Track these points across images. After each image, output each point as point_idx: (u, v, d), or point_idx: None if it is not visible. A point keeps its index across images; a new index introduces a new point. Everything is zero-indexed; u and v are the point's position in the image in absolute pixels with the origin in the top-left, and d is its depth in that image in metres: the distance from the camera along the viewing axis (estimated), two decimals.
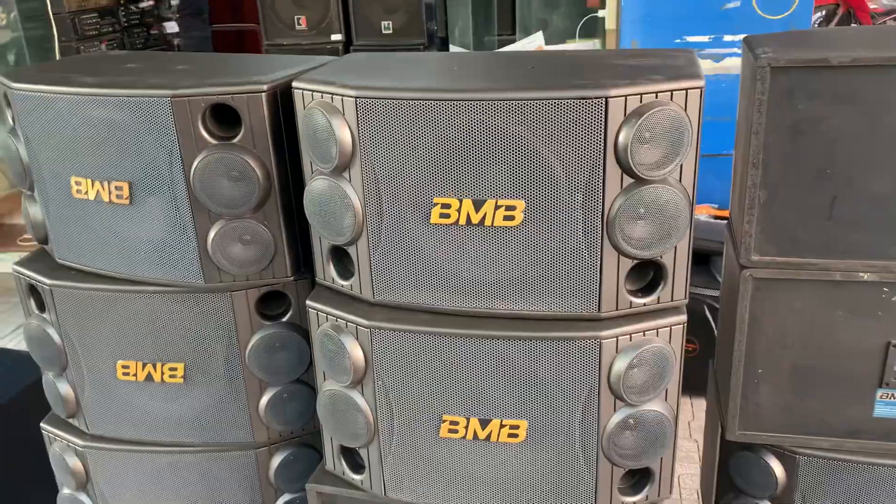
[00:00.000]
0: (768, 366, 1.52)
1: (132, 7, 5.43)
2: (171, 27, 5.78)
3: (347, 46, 4.58)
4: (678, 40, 3.90)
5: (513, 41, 4.80)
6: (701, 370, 2.02)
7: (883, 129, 1.32)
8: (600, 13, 4.22)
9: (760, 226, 1.42)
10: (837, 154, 1.35)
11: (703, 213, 3.40)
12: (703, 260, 2.99)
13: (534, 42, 4.25)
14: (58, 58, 4.80)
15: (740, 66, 1.53)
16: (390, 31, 4.52)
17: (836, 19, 5.92)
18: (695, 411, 3.07)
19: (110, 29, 5.16)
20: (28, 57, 5.13)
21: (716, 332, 2.93)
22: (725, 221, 3.29)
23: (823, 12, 5.83)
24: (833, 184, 1.37)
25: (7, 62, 5.15)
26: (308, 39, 4.59)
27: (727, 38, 3.90)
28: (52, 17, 4.73)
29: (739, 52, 3.96)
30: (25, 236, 4.68)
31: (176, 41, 5.84)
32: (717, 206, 3.40)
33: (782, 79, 1.32)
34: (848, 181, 1.36)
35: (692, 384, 2.48)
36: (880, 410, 1.49)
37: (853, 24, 5.83)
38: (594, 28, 4.50)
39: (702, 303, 2.95)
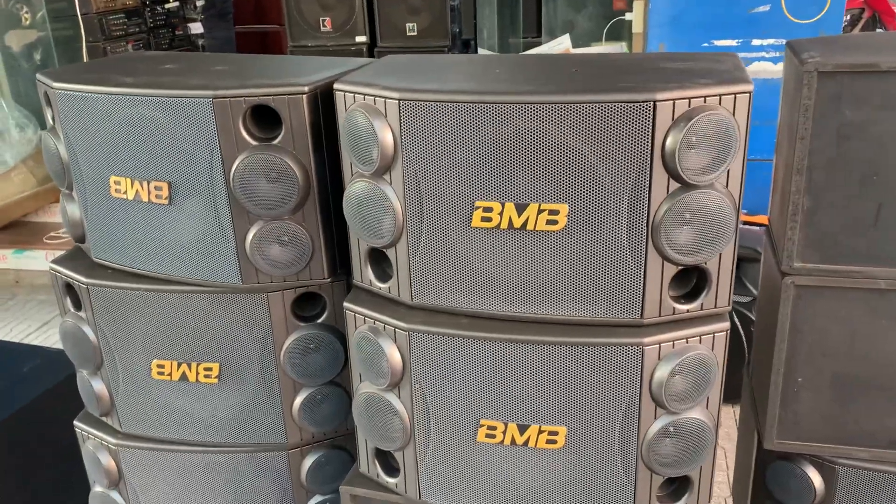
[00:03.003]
0: (808, 374, 1.49)
1: (158, 8, 5.47)
2: (196, 28, 5.82)
3: (371, 48, 4.59)
4: (706, 44, 3.87)
5: (538, 44, 4.79)
6: (728, 375, 2.00)
7: None
8: (627, 16, 4.20)
9: (803, 232, 1.40)
10: (884, 160, 1.33)
11: None
12: None
13: (561, 45, 4.23)
14: (85, 58, 4.84)
15: (768, 70, 1.51)
16: (415, 33, 4.53)
17: (861, 24, 5.86)
18: (721, 418, 3.04)
19: (136, 29, 5.21)
20: (55, 56, 5.18)
21: (742, 337, 2.90)
22: (754, 227, 3.25)
23: (848, 17, 5.78)
24: (879, 190, 1.35)
25: (34, 61, 5.20)
26: (333, 41, 4.60)
27: (755, 42, 3.86)
28: (80, 18, 4.77)
29: (768, 56, 3.93)
30: (52, 234, 4.73)
31: (200, 42, 5.89)
32: (745, 211, 3.38)
33: (829, 84, 1.30)
34: (894, 188, 1.34)
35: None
36: None
37: (878, 30, 5.77)
38: (621, 31, 4.48)
39: None
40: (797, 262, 1.42)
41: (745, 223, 3.20)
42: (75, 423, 1.87)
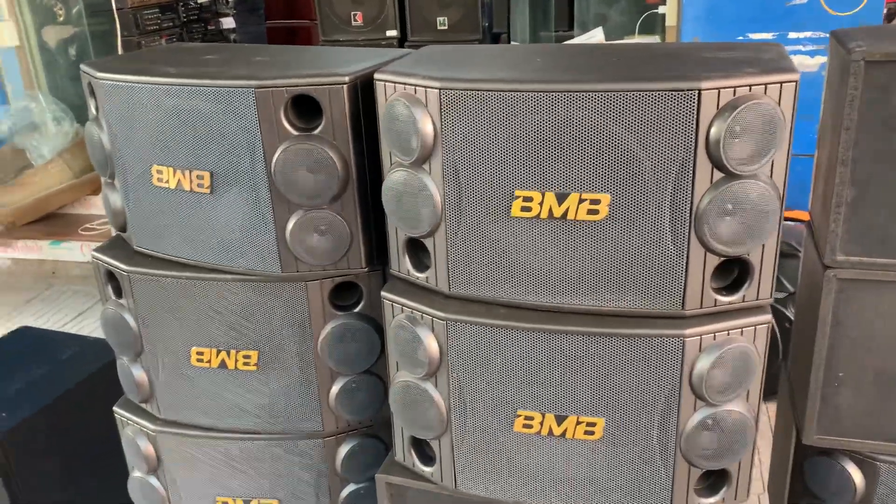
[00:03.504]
0: (850, 369, 1.47)
1: (191, 3, 5.53)
2: (228, 23, 5.87)
3: (402, 42, 4.60)
4: (741, 38, 3.82)
5: (570, 37, 4.76)
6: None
7: None
8: (660, 9, 4.15)
9: (846, 225, 1.38)
10: None
11: None
12: None
13: (593, 38, 4.20)
14: (120, 52, 4.91)
15: (805, 64, 1.49)
16: (445, 27, 4.53)
17: None
18: None
19: (170, 24, 5.26)
20: (91, 51, 5.25)
21: (777, 333, 2.86)
22: (789, 223, 3.21)
23: (885, 10, 5.67)
24: None
25: (70, 56, 5.29)
26: (364, 35, 4.62)
27: (792, 35, 3.80)
28: (115, 13, 4.84)
29: (805, 49, 3.86)
30: (87, 225, 4.80)
31: (232, 37, 5.93)
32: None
33: (877, 73, 1.28)
34: None
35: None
36: None
37: None
38: (654, 24, 4.43)
39: None
40: (840, 256, 1.40)
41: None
42: (115, 409, 1.90)
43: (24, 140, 4.98)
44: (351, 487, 1.80)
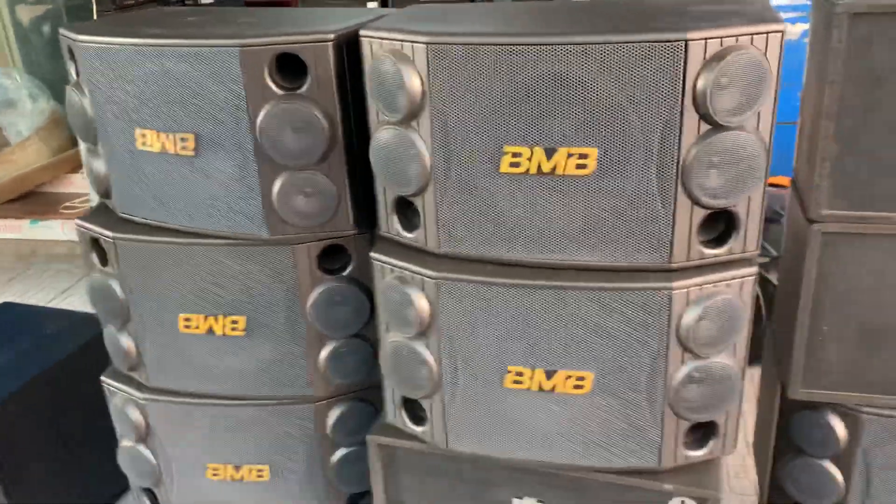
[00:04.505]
0: (834, 323, 1.50)
1: None
2: None
3: None
4: None
5: None
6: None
7: None
8: None
9: (831, 179, 1.40)
10: None
11: None
12: None
13: None
14: None
15: (788, 31, 1.49)
16: None
17: None
18: None
19: None
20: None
21: (760, 298, 2.89)
22: (772, 188, 3.23)
23: None
24: None
25: (43, 33, 5.19)
26: (343, 4, 4.57)
27: (773, 2, 3.81)
28: None
29: (786, 17, 3.86)
30: (67, 204, 4.74)
31: None
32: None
33: (861, 25, 1.29)
34: None
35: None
36: None
37: None
38: None
39: None
40: (825, 210, 1.42)
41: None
42: (102, 378, 1.89)
43: (1, 118, 4.90)
44: (342, 451, 1.81)
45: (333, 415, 1.76)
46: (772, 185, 3.19)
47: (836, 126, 1.36)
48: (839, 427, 1.58)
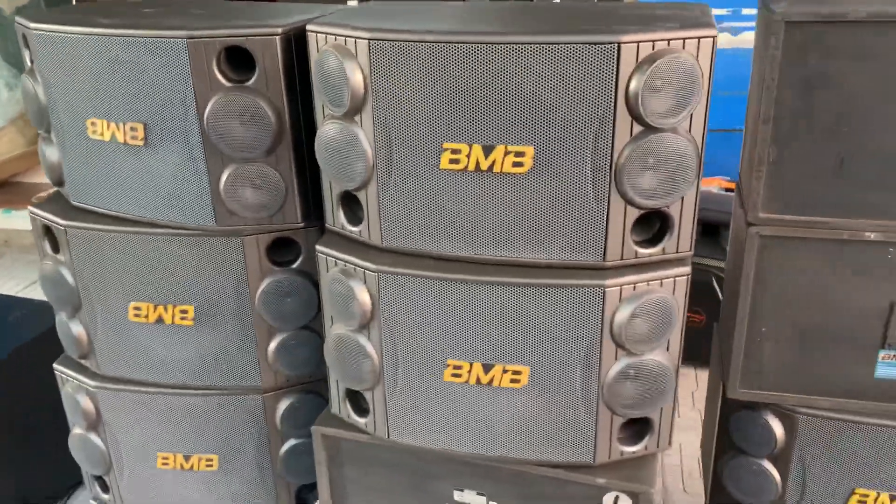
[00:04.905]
0: (772, 324, 1.53)
1: None
2: None
3: None
4: None
5: None
6: (707, 341, 2.03)
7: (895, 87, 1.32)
8: None
9: (769, 182, 1.43)
10: (849, 112, 1.34)
11: (715, 185, 3.39)
12: (712, 231, 2.99)
13: None
14: None
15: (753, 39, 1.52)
16: None
17: None
18: (699, 382, 3.08)
19: None
20: None
21: (721, 300, 2.93)
22: (730, 193, 3.27)
23: None
24: (844, 142, 1.36)
25: None
26: (322, 1, 4.58)
27: (746, 11, 3.85)
28: None
29: (755, 25, 3.91)
30: (41, 194, 4.72)
31: None
32: (729, 178, 3.39)
33: (796, 33, 1.32)
34: (859, 140, 1.36)
35: (698, 355, 2.49)
36: (882, 371, 1.50)
37: None
38: None
39: (709, 274, 2.95)
40: (762, 213, 1.44)
41: (728, 190, 3.22)
42: (55, 366, 1.90)
43: None
44: (291, 442, 1.82)
45: (282, 406, 1.77)
46: (729, 189, 3.23)
47: (773, 131, 1.39)
48: (777, 427, 1.61)
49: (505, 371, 1.40)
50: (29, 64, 1.64)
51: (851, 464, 1.57)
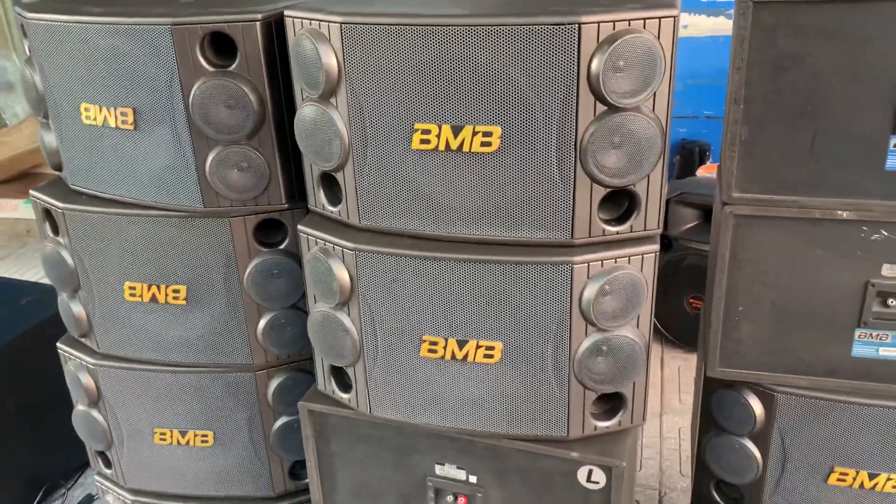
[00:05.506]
0: (749, 304, 1.54)
1: None
2: None
3: None
4: None
5: None
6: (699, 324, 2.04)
7: (865, 67, 1.32)
8: None
9: (742, 162, 1.44)
10: (819, 91, 1.36)
11: (713, 171, 3.38)
12: (710, 217, 2.99)
13: None
14: None
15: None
16: None
17: None
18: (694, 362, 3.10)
19: None
20: None
21: None
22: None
23: None
24: (814, 121, 1.38)
25: None
26: None
27: None
28: None
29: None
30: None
31: None
32: (718, 163, 3.39)
33: (765, 14, 1.33)
34: (829, 119, 1.37)
35: (698, 341, 2.50)
36: (858, 350, 1.52)
37: None
38: None
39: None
40: (736, 192, 1.46)
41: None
42: (58, 344, 1.97)
43: None
44: (283, 419, 1.87)
45: (273, 384, 1.83)
46: None
47: (745, 111, 1.40)
48: (756, 405, 1.63)
49: (479, 346, 1.44)
50: (27, 52, 1.70)
51: (830, 442, 1.58)
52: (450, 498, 1.65)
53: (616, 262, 1.36)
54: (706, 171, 3.62)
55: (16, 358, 2.42)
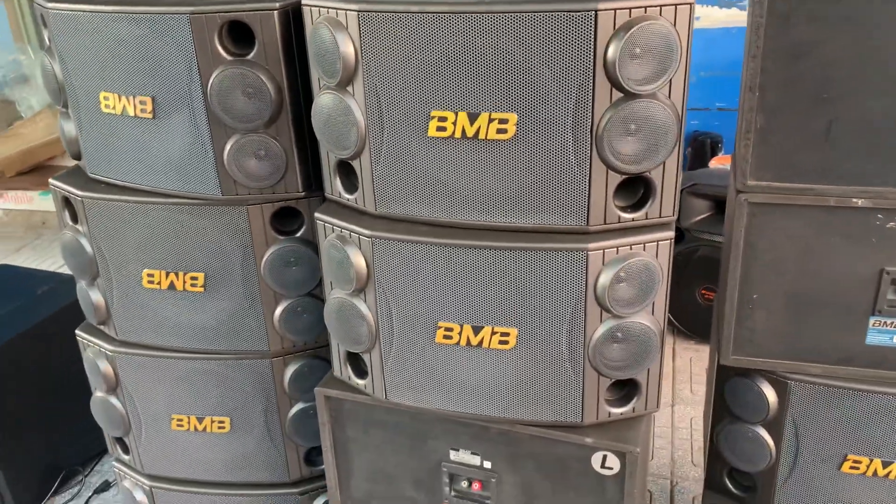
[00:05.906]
0: (763, 291, 1.55)
1: None
2: None
3: None
4: None
5: None
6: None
7: (881, 53, 1.32)
8: None
9: (757, 150, 1.44)
10: (835, 79, 1.35)
11: (726, 163, 3.38)
12: (723, 208, 3.00)
13: None
14: None
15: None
16: None
17: None
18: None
19: None
20: None
21: None
22: None
23: None
24: (830, 109, 1.38)
25: None
26: None
27: None
28: None
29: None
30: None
31: None
32: (732, 154, 3.38)
33: (780, 1, 1.33)
34: (845, 106, 1.37)
35: (710, 331, 2.50)
36: (872, 338, 1.52)
37: None
38: None
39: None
40: (751, 181, 1.46)
41: None
42: (77, 332, 2.00)
43: (14, 92, 5.04)
44: (300, 406, 1.90)
45: (290, 371, 1.85)
46: None
47: (760, 99, 1.40)
48: (770, 393, 1.63)
49: (494, 333, 1.45)
50: (47, 42, 1.72)
51: (843, 430, 1.58)
52: (464, 483, 1.66)
53: (631, 248, 1.36)
54: (719, 163, 3.62)
55: (33, 346, 2.46)
